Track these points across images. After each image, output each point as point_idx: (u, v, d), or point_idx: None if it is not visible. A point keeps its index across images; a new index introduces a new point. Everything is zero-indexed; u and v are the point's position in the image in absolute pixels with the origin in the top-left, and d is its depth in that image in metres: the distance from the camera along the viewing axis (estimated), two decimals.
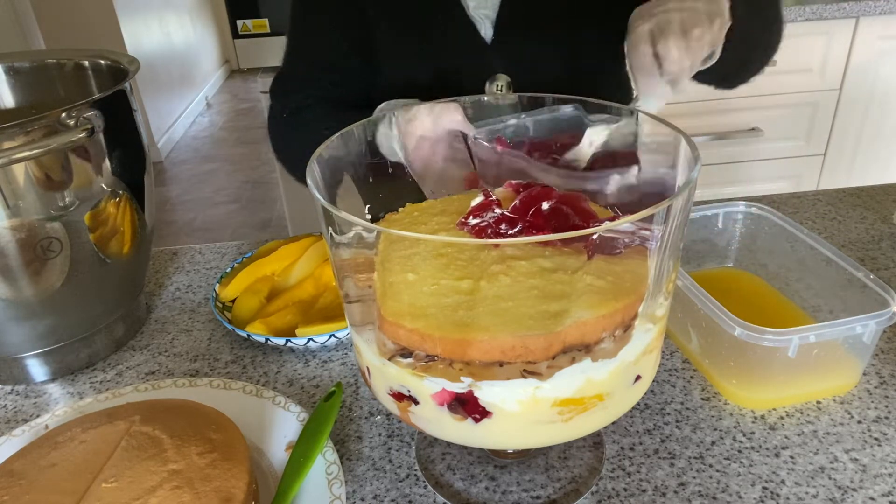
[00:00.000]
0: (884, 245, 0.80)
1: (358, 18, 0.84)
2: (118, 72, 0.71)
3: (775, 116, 1.88)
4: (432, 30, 0.84)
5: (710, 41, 0.62)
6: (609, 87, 0.96)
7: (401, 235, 0.46)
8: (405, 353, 0.42)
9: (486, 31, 0.84)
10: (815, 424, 0.56)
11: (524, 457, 0.55)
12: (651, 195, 0.48)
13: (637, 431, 0.57)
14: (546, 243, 0.44)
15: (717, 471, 0.53)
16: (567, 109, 0.54)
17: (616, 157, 0.53)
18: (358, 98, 0.87)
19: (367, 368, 0.47)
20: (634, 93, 0.64)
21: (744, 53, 0.75)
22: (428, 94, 0.70)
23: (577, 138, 0.54)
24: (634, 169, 0.51)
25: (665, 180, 0.47)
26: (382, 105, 0.73)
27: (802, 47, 1.79)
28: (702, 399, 0.60)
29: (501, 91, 0.84)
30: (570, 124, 0.55)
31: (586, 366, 0.40)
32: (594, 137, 0.53)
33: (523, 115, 0.56)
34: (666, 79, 0.63)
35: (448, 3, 0.83)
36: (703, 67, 0.65)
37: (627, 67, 0.65)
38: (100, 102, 0.61)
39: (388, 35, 0.85)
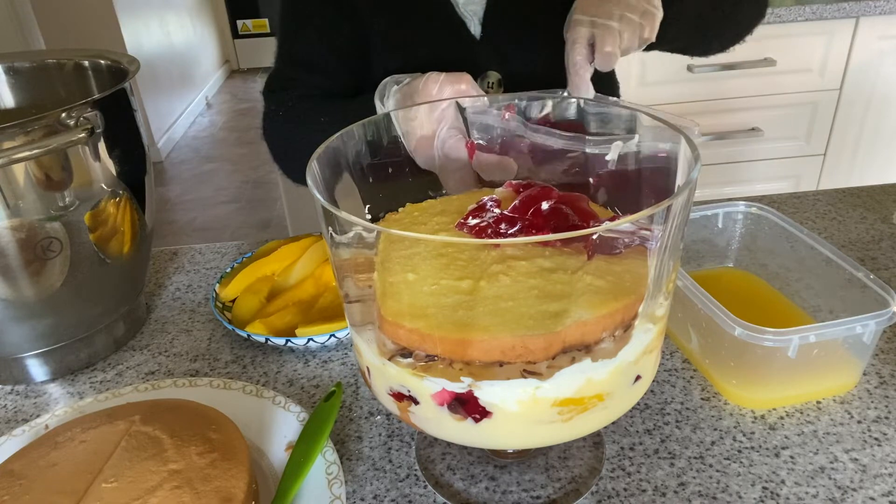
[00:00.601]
0: (884, 245, 0.80)
1: (349, 18, 0.84)
2: (118, 72, 0.71)
3: (775, 116, 1.88)
4: (423, 27, 0.85)
5: (640, 42, 0.69)
6: (597, 81, 0.97)
7: (401, 235, 0.46)
8: (405, 353, 0.42)
9: (475, 27, 0.84)
10: (815, 424, 0.57)
11: (524, 457, 0.55)
12: (652, 171, 0.49)
13: (637, 431, 0.57)
14: (546, 243, 0.44)
15: (717, 471, 0.53)
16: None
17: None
18: (349, 93, 0.87)
19: (367, 368, 0.47)
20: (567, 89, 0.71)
21: (699, 29, 0.80)
22: None
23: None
24: (636, 138, 0.52)
25: (668, 157, 0.48)
26: (385, 81, 0.73)
27: (802, 47, 1.79)
28: (702, 399, 0.60)
29: (493, 88, 0.85)
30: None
31: (586, 366, 0.40)
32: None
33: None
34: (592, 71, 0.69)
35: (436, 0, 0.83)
36: (640, 49, 0.71)
37: (566, 61, 0.70)
38: (100, 102, 0.61)
39: (381, 32, 0.85)
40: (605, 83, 0.97)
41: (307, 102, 0.85)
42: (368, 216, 0.54)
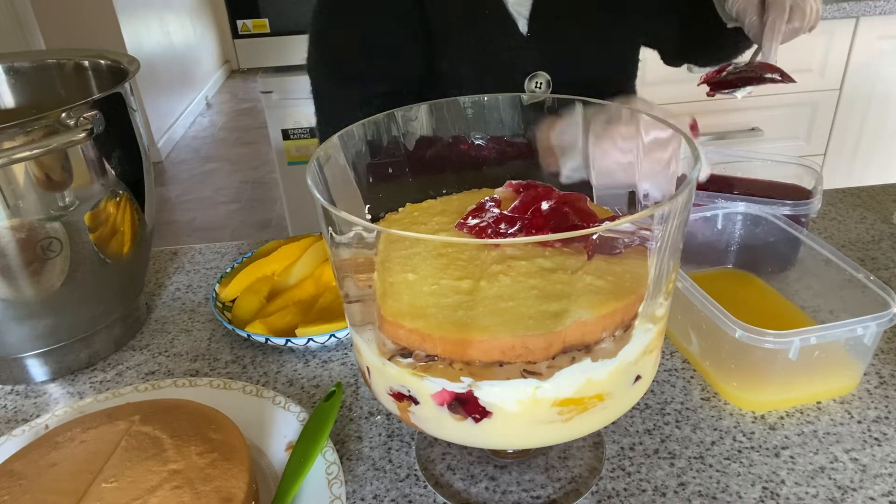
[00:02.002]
0: (884, 245, 0.80)
1: (417, 7, 0.84)
2: (118, 72, 0.71)
3: (775, 116, 1.88)
4: (481, 24, 0.85)
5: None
6: (635, 81, 0.99)
7: (401, 235, 0.46)
8: (405, 353, 0.42)
9: (524, 25, 0.85)
10: (815, 424, 0.56)
11: (524, 457, 0.55)
12: None
13: (637, 431, 0.57)
14: (546, 243, 0.44)
15: (717, 471, 0.53)
16: None
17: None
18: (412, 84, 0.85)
19: (367, 368, 0.47)
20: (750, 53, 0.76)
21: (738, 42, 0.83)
22: (472, 88, 0.74)
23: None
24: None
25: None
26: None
27: (802, 47, 1.79)
28: (702, 399, 0.60)
29: (541, 88, 0.85)
30: None
31: (586, 366, 0.40)
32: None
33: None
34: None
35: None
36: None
37: (749, 25, 0.76)
38: (100, 102, 0.61)
39: (440, 27, 0.85)
40: (631, 90, 0.99)
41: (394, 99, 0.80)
42: (368, 216, 0.54)
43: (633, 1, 0.90)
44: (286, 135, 1.98)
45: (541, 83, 0.86)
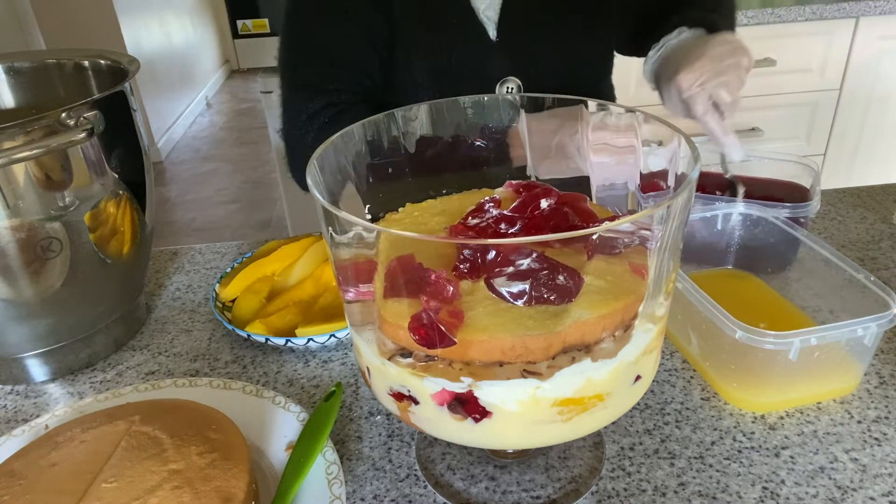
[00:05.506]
0: (884, 245, 0.80)
1: (383, 15, 0.84)
2: (118, 72, 0.71)
3: (775, 116, 1.88)
4: (452, 31, 0.85)
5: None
6: (609, 81, 0.98)
7: (401, 235, 0.46)
8: (405, 353, 0.42)
9: (493, 32, 0.85)
10: (815, 424, 0.57)
11: (524, 457, 0.55)
12: None
13: (637, 431, 0.57)
14: (546, 243, 0.44)
15: (717, 471, 0.53)
16: None
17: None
18: (375, 94, 0.86)
19: (367, 368, 0.47)
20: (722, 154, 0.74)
21: None
22: (441, 93, 0.72)
23: None
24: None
25: None
26: None
27: (802, 47, 1.79)
28: (702, 399, 0.60)
29: (512, 93, 0.86)
30: None
31: (586, 366, 0.40)
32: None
33: None
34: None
35: (462, 5, 0.84)
36: None
37: (699, 118, 0.73)
38: (100, 102, 0.61)
39: (409, 32, 0.85)
40: (605, 92, 0.98)
41: (352, 109, 0.82)
42: (368, 216, 0.54)
43: (604, 5, 0.88)
44: None
45: (512, 88, 0.86)
